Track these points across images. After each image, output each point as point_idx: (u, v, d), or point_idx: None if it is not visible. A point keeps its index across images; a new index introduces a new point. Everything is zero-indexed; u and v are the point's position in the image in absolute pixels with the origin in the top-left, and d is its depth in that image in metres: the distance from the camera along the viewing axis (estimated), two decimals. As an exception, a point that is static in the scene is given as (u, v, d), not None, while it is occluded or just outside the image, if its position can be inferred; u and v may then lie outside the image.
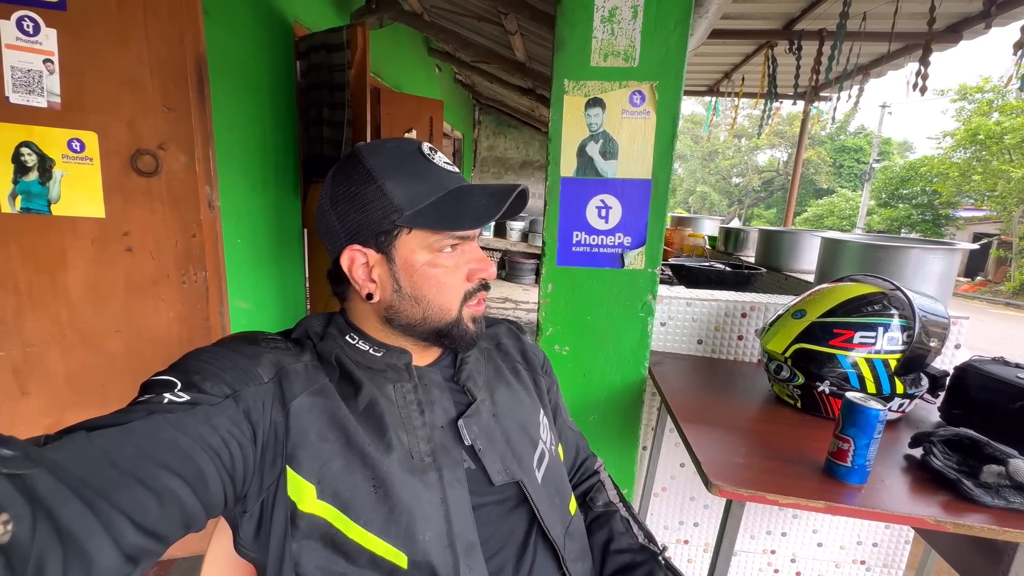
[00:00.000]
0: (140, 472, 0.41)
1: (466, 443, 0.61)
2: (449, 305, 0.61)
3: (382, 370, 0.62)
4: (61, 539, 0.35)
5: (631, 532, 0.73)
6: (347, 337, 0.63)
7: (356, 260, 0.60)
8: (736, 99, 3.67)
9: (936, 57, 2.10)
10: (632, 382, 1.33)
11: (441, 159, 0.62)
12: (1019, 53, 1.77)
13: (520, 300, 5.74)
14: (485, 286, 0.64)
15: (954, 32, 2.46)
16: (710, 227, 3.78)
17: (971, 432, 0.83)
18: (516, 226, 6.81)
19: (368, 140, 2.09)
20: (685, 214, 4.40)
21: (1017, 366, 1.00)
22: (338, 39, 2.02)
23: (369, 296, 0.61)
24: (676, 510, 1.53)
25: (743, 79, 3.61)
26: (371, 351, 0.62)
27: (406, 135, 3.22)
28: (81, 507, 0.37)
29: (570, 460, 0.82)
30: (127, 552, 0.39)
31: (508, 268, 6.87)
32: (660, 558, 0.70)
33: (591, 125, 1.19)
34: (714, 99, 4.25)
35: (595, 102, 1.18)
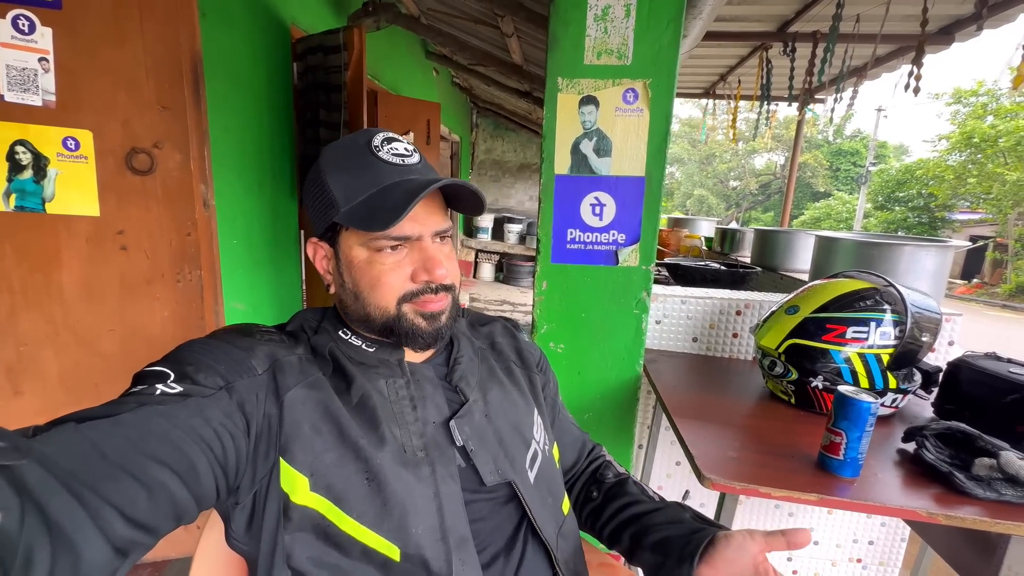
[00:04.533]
0: (129, 464, 0.41)
1: (458, 444, 0.61)
2: (385, 303, 0.59)
3: (375, 365, 0.62)
4: (50, 531, 0.35)
5: (646, 494, 0.74)
6: (340, 332, 0.63)
7: (318, 252, 0.63)
8: (732, 102, 3.69)
9: (930, 60, 2.11)
10: (627, 379, 1.33)
11: (391, 151, 0.60)
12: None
13: (518, 303, 5.74)
14: (439, 288, 0.60)
15: (947, 34, 2.48)
16: (707, 228, 3.79)
17: (963, 426, 0.83)
18: (514, 228, 6.82)
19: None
20: (682, 216, 4.41)
21: (1010, 361, 1.01)
22: (335, 41, 2.03)
23: (328, 287, 0.64)
24: (672, 509, 1.53)
25: (739, 81, 3.63)
26: (364, 346, 0.63)
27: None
28: (70, 499, 0.37)
29: (574, 454, 0.82)
30: (116, 544, 0.39)
31: (506, 271, 6.87)
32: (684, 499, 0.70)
33: (585, 123, 1.19)
34: (711, 102, 4.28)
35: (589, 100, 1.18)
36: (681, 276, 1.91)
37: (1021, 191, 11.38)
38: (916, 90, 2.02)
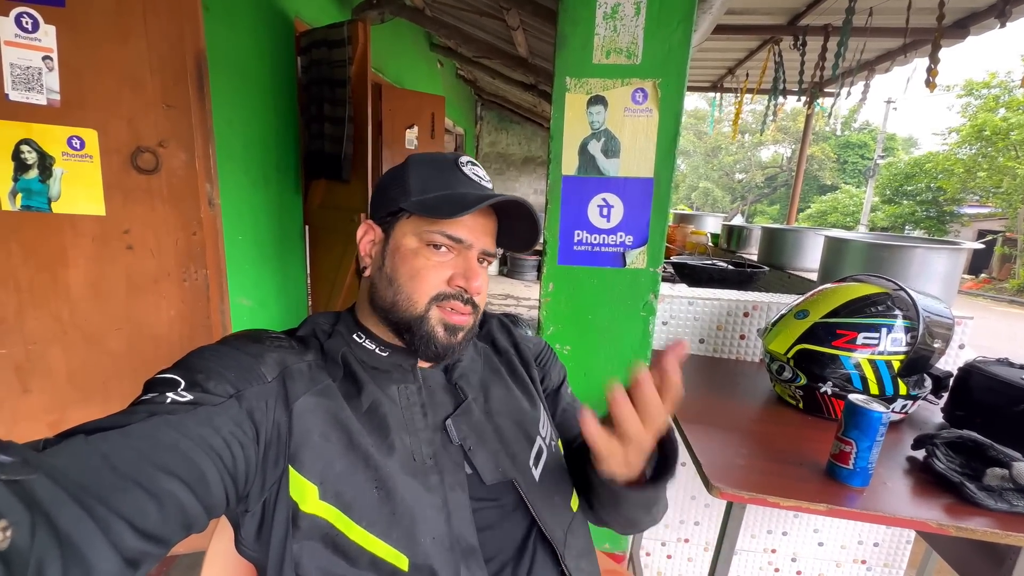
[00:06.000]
0: (139, 476, 0.41)
1: (455, 442, 0.61)
2: (416, 296, 0.60)
3: (387, 370, 0.62)
4: (60, 545, 0.35)
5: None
6: (355, 336, 0.63)
7: (367, 233, 0.65)
8: (739, 95, 3.64)
9: (942, 52, 2.07)
10: (633, 381, 1.33)
11: (474, 171, 0.64)
12: None
13: (521, 296, 5.73)
14: (468, 301, 0.61)
15: (961, 28, 2.43)
16: (713, 224, 3.76)
17: (974, 434, 0.83)
18: (518, 222, 6.79)
19: (368, 136, 2.09)
20: (688, 211, 4.38)
21: (1022, 367, 0.99)
22: (339, 35, 2.01)
23: (364, 269, 0.65)
24: (677, 509, 1.53)
25: (747, 75, 3.58)
26: (377, 351, 0.62)
27: (406, 131, 3.21)
28: (80, 512, 0.37)
29: (575, 433, 0.80)
30: (127, 556, 0.39)
31: (510, 265, 6.86)
32: None
33: (593, 123, 1.18)
34: (718, 95, 4.22)
35: (597, 100, 1.17)
36: (687, 275, 1.90)
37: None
38: (933, 85, 1.98)
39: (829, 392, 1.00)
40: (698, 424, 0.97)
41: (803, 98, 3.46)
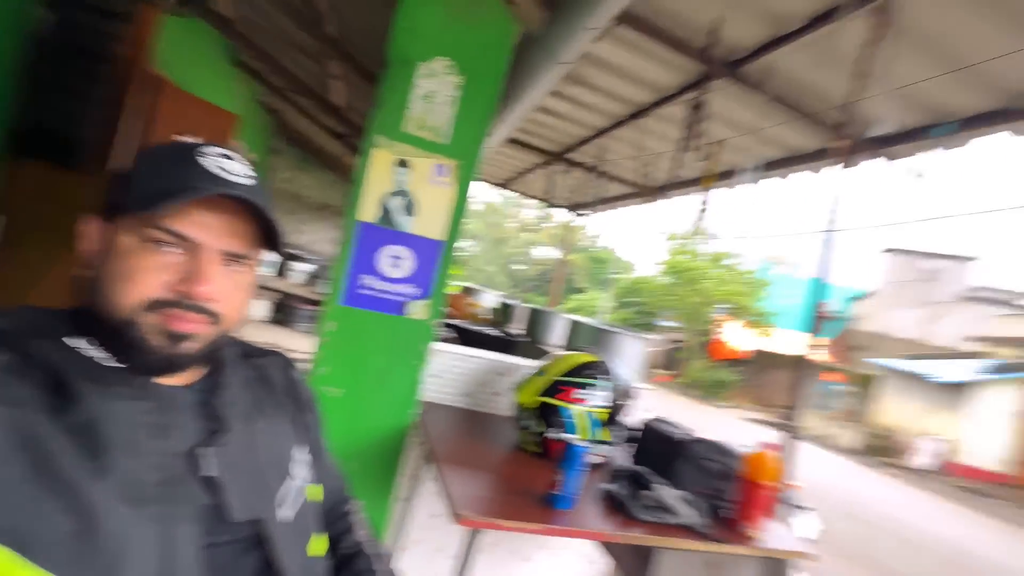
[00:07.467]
0: None
1: (206, 474, 0.56)
2: (124, 300, 0.53)
3: (112, 384, 0.53)
4: None
5: (371, 570, 0.74)
6: (73, 340, 0.53)
7: (87, 231, 0.57)
8: (523, 198, 4.39)
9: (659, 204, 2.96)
10: (398, 428, 1.37)
11: (219, 164, 0.56)
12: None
13: (288, 348, 5.18)
14: (196, 308, 0.55)
15: (664, 191, 3.51)
16: (492, 300, 4.25)
17: (636, 467, 1.14)
18: (301, 267, 6.28)
19: (129, 129, 1.76)
20: (473, 286, 4.85)
21: (669, 424, 1.42)
22: (120, 7, 1.72)
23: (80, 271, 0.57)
24: (427, 561, 1.56)
25: (528, 183, 4.37)
26: (102, 360, 0.53)
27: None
28: None
29: (328, 501, 0.80)
30: None
31: (284, 312, 6.20)
32: None
33: (397, 182, 1.29)
34: (506, 193, 4.97)
35: (404, 163, 1.29)
36: (462, 336, 2.09)
37: (696, 311, 16.30)
38: (655, 229, 2.76)
39: (554, 437, 1.23)
40: (454, 464, 1.07)
41: (569, 211, 4.37)
